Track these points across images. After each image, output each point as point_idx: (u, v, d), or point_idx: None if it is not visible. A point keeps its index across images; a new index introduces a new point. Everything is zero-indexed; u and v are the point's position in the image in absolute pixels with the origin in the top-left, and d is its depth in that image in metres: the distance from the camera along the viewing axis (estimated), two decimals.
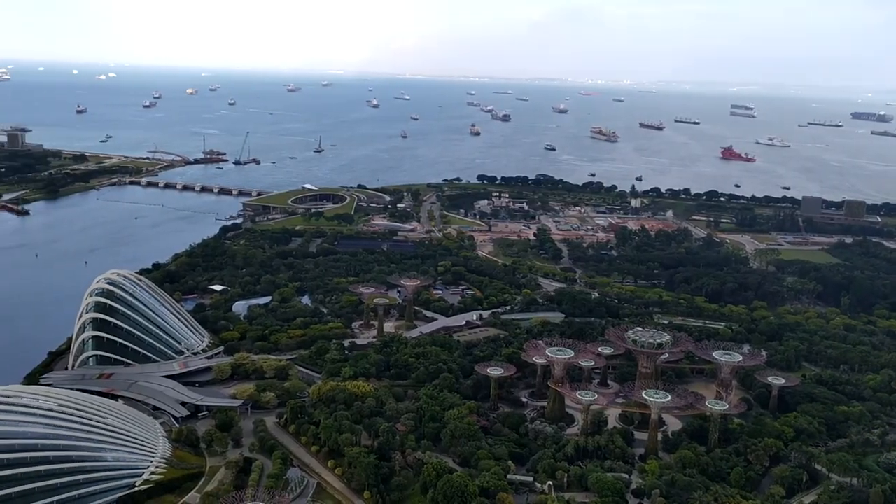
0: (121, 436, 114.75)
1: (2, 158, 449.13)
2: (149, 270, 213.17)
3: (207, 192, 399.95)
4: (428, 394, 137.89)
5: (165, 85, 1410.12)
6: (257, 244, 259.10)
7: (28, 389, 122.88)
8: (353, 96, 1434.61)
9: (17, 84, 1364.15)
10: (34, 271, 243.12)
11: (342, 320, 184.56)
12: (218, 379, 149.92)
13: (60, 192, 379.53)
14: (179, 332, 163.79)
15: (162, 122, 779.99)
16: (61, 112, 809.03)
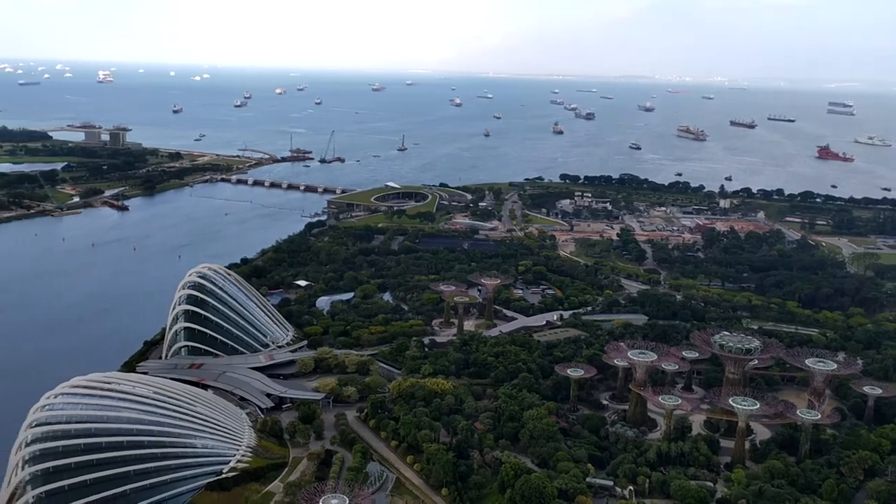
0: (210, 424, 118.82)
1: (105, 156, 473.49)
2: (237, 265, 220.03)
3: (294, 189, 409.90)
4: (507, 393, 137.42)
5: (255, 85, 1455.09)
6: (341, 241, 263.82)
7: (125, 376, 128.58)
8: (437, 95, 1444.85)
9: (120, 86, 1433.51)
10: (132, 264, 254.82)
11: (422, 317, 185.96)
12: (301, 372, 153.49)
13: (157, 188, 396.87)
14: (265, 325, 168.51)
15: (252, 122, 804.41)
16: (159, 112, 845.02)
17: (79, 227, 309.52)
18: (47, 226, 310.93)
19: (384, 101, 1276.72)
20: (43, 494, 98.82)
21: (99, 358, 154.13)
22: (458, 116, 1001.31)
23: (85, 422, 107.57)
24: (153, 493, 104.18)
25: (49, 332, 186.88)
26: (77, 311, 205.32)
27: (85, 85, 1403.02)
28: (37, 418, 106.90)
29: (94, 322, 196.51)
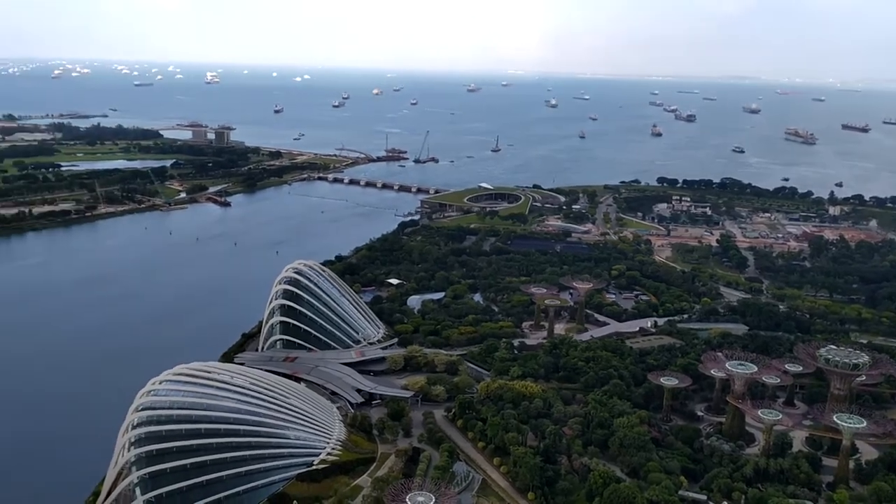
0: (302, 416, 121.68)
1: (210, 154, 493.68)
2: (332, 262, 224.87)
3: (388, 188, 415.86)
4: (597, 399, 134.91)
5: (353, 86, 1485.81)
6: (433, 241, 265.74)
7: (224, 366, 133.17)
8: (532, 96, 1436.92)
9: (225, 87, 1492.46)
10: (232, 259, 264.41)
11: (512, 319, 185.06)
12: (391, 369, 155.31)
13: (257, 185, 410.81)
14: (357, 322, 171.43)
15: (349, 122, 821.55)
16: (261, 111, 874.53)
17: (184, 222, 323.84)
18: (156, 220, 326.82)
19: (479, 102, 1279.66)
20: (146, 475, 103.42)
21: (200, 348, 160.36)
22: (554, 118, 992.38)
23: (186, 408, 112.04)
24: (247, 480, 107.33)
25: (156, 321, 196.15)
26: (181, 302, 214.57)
27: (194, 86, 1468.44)
28: (142, 403, 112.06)
29: (197, 313, 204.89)
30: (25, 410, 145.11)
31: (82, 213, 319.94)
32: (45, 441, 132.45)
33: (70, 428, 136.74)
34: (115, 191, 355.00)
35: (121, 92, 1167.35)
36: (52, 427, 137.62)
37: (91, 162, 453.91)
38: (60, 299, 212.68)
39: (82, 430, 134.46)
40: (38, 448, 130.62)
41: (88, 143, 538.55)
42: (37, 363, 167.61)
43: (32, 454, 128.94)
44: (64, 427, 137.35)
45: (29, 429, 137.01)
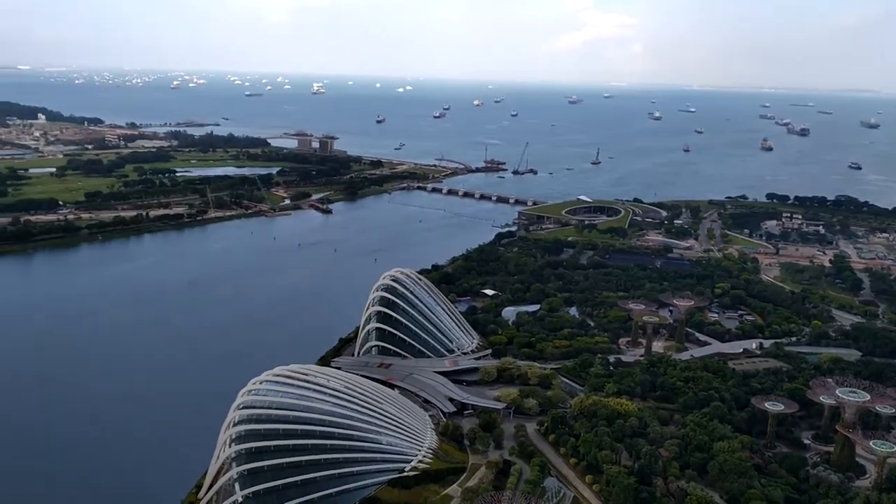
0: (395, 422, 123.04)
1: (314, 162, 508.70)
2: (428, 271, 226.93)
3: (486, 199, 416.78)
4: (696, 421, 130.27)
5: (454, 97, 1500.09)
6: (530, 252, 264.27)
7: (321, 370, 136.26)
8: (635, 108, 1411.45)
9: (330, 97, 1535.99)
10: (332, 265, 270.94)
11: (609, 335, 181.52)
12: (484, 380, 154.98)
13: (358, 194, 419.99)
14: (452, 331, 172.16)
15: (449, 132, 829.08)
16: (364, 122, 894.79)
17: (288, 228, 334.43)
18: (261, 225, 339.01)
19: (580, 114, 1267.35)
20: (245, 472, 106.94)
21: (298, 350, 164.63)
22: (657, 130, 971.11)
23: (284, 408, 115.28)
24: (340, 482, 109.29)
25: (258, 323, 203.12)
26: (282, 306, 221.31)
27: (301, 96, 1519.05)
28: (243, 401, 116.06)
29: (297, 317, 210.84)
30: (136, 405, 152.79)
31: (194, 217, 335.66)
32: (152, 434, 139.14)
33: (176, 423, 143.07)
34: (224, 196, 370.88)
35: (233, 102, 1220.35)
36: (160, 421, 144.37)
37: (203, 168, 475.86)
38: (170, 300, 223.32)
39: (187, 426, 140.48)
40: (146, 441, 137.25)
41: (201, 150, 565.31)
42: (147, 361, 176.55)
43: (141, 446, 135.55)
44: (170, 422, 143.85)
45: (138, 423, 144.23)
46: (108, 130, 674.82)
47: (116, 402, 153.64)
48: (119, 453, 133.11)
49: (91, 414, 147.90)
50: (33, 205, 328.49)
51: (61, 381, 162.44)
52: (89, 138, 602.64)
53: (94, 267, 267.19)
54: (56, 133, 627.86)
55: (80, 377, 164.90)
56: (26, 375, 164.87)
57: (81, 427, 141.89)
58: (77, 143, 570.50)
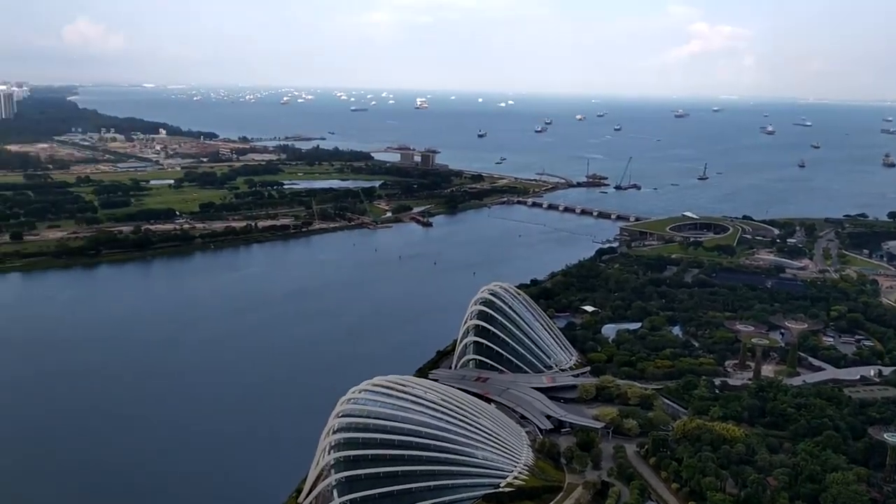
0: (491, 437, 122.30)
1: (416, 176, 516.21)
2: (527, 285, 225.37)
3: (587, 214, 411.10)
4: (808, 450, 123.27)
5: (556, 112, 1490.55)
6: (631, 269, 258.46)
7: (418, 381, 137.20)
8: (746, 122, 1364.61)
9: (433, 112, 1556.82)
10: (431, 277, 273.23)
11: (714, 357, 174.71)
12: (582, 398, 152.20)
13: (458, 207, 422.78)
14: (550, 347, 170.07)
15: (550, 147, 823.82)
16: (465, 136, 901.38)
17: (389, 240, 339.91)
18: (364, 237, 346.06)
19: (687, 129, 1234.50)
20: (343, 479, 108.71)
21: (396, 361, 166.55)
22: (769, 145, 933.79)
23: (382, 418, 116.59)
24: (434, 494, 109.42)
25: (357, 333, 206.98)
26: (382, 317, 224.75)
27: (404, 111, 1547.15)
28: (343, 410, 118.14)
29: (395, 328, 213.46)
30: (239, 409, 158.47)
31: (299, 229, 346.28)
32: (255, 439, 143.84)
33: (277, 428, 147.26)
34: (328, 208, 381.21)
35: (338, 117, 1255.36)
36: (262, 426, 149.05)
37: (309, 181, 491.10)
38: (275, 308, 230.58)
39: (288, 431, 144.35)
40: (248, 445, 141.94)
41: (308, 163, 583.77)
42: (252, 367, 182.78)
43: (243, 450, 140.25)
44: (272, 427, 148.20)
45: (241, 427, 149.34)
46: (222, 144, 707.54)
47: (220, 405, 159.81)
48: (221, 456, 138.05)
49: (195, 416, 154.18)
50: (153, 214, 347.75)
51: (169, 383, 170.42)
52: (205, 152, 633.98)
53: (205, 275, 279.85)
54: (175, 147, 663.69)
55: (186, 382, 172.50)
56: (139, 377, 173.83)
57: (185, 428, 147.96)
58: (193, 157, 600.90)
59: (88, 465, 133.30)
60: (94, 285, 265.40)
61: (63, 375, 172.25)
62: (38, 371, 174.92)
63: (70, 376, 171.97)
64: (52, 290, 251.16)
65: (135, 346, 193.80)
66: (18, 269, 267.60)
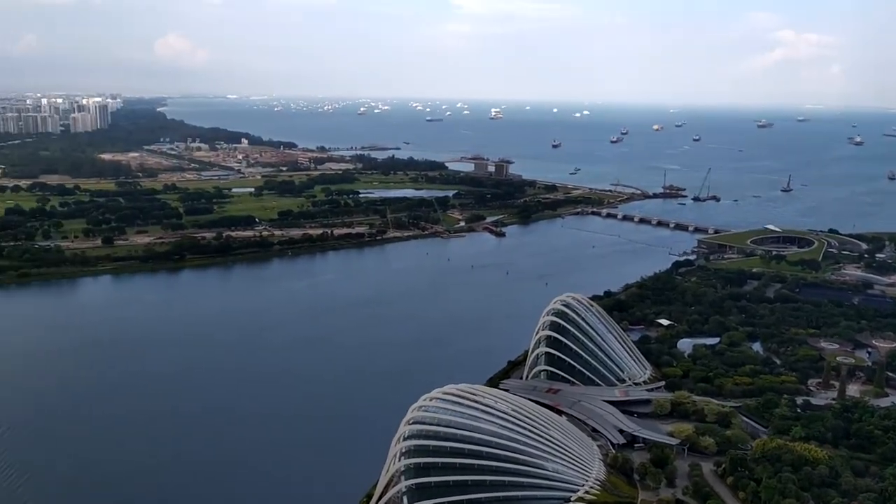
0: (561, 449, 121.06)
1: (489, 186, 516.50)
2: (600, 297, 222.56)
3: (663, 226, 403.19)
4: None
5: (633, 121, 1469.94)
6: (709, 283, 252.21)
7: (489, 391, 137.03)
8: (833, 132, 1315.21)
9: (508, 122, 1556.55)
10: (503, 287, 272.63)
11: (796, 375, 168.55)
12: (656, 413, 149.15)
13: (532, 217, 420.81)
14: (623, 360, 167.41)
15: (626, 157, 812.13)
16: (539, 146, 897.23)
17: (462, 249, 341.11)
18: (436, 246, 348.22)
19: (770, 139, 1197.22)
20: (413, 486, 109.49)
21: (467, 370, 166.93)
22: (858, 156, 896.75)
23: (452, 427, 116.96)
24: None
25: (429, 341, 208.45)
26: (453, 325, 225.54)
27: (478, 121, 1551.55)
28: (414, 417, 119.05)
29: (467, 337, 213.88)
30: (311, 412, 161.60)
31: (374, 237, 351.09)
32: (325, 442, 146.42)
33: (348, 433, 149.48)
34: (402, 217, 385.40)
35: (414, 127, 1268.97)
36: (333, 430, 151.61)
37: (384, 190, 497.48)
38: (348, 314, 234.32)
39: (359, 436, 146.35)
40: (319, 448, 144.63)
41: (383, 173, 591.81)
42: (324, 370, 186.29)
43: (315, 454, 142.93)
44: (343, 431, 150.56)
45: (314, 431, 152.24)
46: (301, 154, 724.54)
47: (294, 408, 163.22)
48: (294, 459, 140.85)
49: (268, 419, 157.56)
50: (234, 221, 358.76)
51: (243, 386, 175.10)
52: (284, 161, 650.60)
53: (282, 280, 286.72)
54: (256, 156, 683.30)
55: (261, 385, 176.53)
56: (216, 380, 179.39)
57: (259, 431, 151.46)
58: (273, 166, 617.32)
59: (172, 462, 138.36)
60: (178, 289, 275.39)
61: (143, 375, 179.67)
62: (124, 370, 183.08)
63: (150, 376, 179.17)
64: (139, 293, 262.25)
65: (214, 349, 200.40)
66: (109, 272, 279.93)
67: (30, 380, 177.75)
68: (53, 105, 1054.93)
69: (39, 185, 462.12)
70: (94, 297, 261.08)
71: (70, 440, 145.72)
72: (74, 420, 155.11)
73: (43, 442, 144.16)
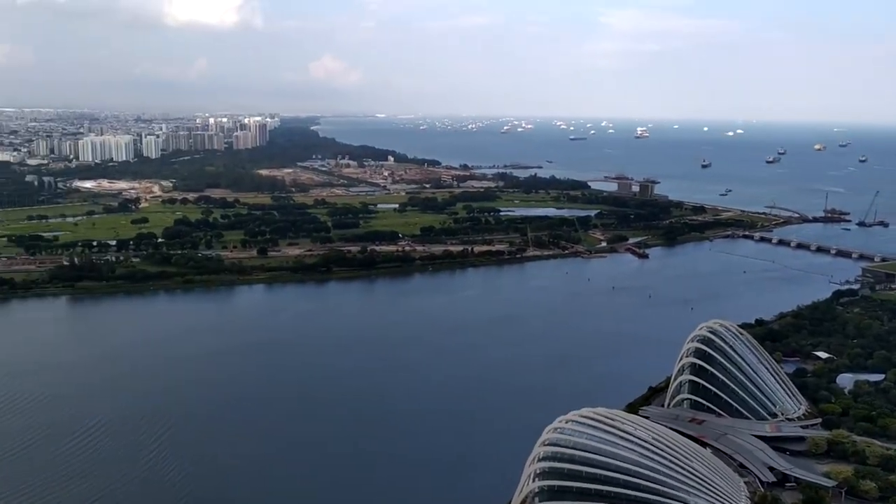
0: (704, 483, 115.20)
1: (633, 206, 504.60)
2: (750, 325, 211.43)
3: (823, 252, 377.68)
4: None
5: (791, 141, 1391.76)
6: (875, 314, 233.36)
7: (628, 417, 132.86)
8: None
9: (654, 141, 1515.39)
10: (645, 310, 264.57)
11: None
12: (811, 452, 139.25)
13: (677, 239, 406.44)
14: (775, 393, 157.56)
15: (783, 178, 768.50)
16: (687, 166, 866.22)
17: (602, 270, 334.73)
18: (577, 266, 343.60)
19: None
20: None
21: (604, 394, 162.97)
22: None
23: (588, 451, 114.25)
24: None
25: (565, 362, 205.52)
26: (591, 347, 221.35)
27: (623, 140, 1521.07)
28: (549, 438, 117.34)
29: (605, 359, 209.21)
30: (443, 426, 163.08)
31: (513, 255, 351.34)
32: (457, 457, 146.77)
33: (480, 449, 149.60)
34: (542, 236, 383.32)
35: (557, 145, 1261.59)
36: (465, 445, 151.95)
37: (525, 209, 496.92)
38: (484, 331, 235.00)
39: (491, 453, 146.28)
40: (451, 462, 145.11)
41: (524, 191, 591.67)
42: (457, 386, 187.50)
43: (446, 467, 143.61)
44: (475, 447, 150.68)
45: (447, 446, 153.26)
46: (444, 171, 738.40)
47: (428, 422, 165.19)
48: (428, 473, 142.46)
49: (402, 433, 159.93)
50: (378, 236, 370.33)
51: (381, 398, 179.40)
52: (427, 178, 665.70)
53: (422, 295, 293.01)
54: (401, 173, 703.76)
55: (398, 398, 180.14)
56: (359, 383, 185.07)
57: (394, 445, 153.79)
58: (417, 183, 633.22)
59: (298, 455, 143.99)
60: (324, 299, 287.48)
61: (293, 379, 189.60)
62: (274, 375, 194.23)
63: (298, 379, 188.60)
64: (290, 302, 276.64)
65: (358, 356, 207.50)
66: (263, 281, 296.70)
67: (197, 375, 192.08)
68: (219, 124, 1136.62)
69: (204, 198, 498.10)
70: (250, 303, 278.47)
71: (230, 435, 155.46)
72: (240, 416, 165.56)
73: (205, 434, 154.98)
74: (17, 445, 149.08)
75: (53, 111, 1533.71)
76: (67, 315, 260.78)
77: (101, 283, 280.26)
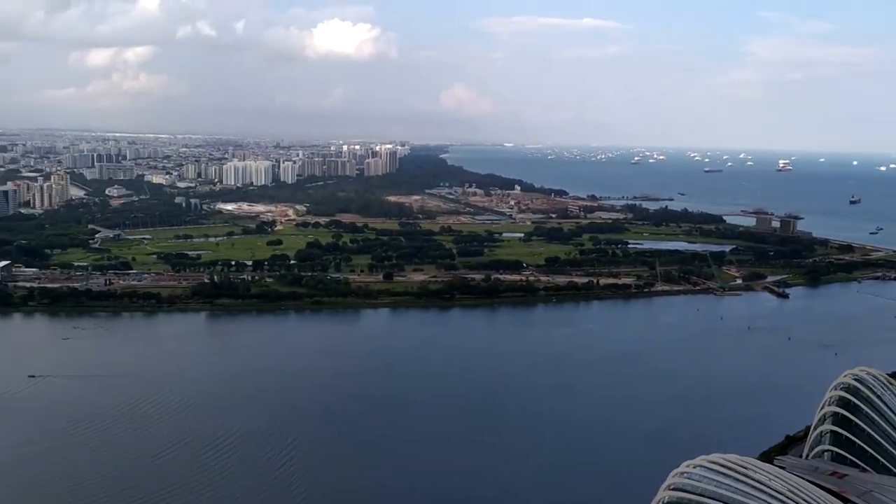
0: None
1: (772, 242, 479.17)
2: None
3: None
4: None
5: None
6: None
7: (762, 465, 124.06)
8: None
9: (798, 174, 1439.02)
10: (783, 353, 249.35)
11: None
12: None
13: (821, 279, 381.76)
14: None
15: None
16: (834, 202, 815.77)
17: (736, 308, 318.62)
18: (708, 303, 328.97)
19: None
20: None
21: (734, 440, 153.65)
22: None
23: (718, 499, 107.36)
24: None
25: (692, 403, 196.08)
26: (721, 389, 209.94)
27: (763, 172, 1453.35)
28: (675, 482, 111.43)
29: (736, 404, 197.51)
30: (565, 465, 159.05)
31: (640, 289, 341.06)
32: (575, 494, 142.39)
33: (598, 487, 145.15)
34: (672, 270, 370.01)
35: (690, 177, 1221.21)
36: (583, 489, 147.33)
37: (654, 242, 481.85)
38: (604, 366, 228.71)
39: (610, 493, 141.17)
40: None
41: (654, 223, 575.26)
42: (573, 423, 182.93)
43: None
44: (593, 490, 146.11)
45: (567, 484, 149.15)
46: (571, 202, 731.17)
47: (547, 455, 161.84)
48: None
49: (519, 458, 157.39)
50: (502, 265, 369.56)
51: (497, 423, 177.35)
52: (554, 208, 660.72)
53: (545, 326, 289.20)
54: (527, 203, 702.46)
55: (513, 423, 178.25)
56: (471, 413, 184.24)
57: (508, 472, 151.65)
58: (543, 212, 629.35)
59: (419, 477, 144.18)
60: (447, 325, 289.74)
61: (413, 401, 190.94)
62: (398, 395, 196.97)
63: (418, 403, 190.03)
64: (413, 328, 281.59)
65: (477, 385, 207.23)
66: (387, 306, 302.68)
67: (321, 397, 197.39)
68: (352, 151, 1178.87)
69: (335, 222, 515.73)
70: (374, 327, 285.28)
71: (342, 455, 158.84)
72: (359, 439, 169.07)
73: (316, 455, 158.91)
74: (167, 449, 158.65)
75: (202, 137, 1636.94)
76: (206, 330, 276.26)
77: (238, 300, 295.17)
